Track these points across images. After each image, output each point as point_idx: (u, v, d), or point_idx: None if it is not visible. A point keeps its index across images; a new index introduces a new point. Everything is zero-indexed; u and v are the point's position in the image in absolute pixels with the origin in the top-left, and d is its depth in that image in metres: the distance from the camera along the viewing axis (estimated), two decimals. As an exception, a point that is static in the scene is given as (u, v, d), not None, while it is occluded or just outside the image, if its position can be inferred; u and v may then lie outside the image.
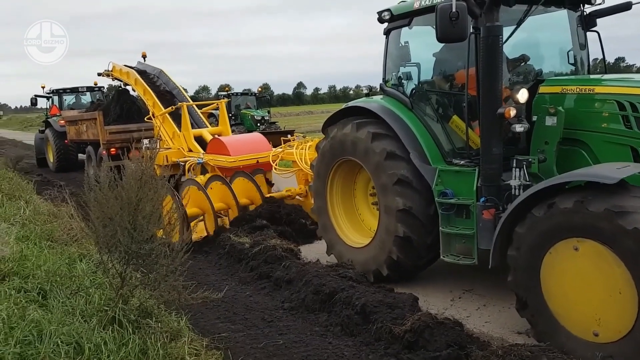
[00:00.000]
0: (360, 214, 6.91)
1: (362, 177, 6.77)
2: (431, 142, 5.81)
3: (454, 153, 5.72)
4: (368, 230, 6.70)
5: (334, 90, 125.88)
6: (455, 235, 5.38)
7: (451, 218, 5.44)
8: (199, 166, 10.23)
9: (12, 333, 3.51)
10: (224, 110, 12.31)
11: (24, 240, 5.88)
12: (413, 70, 6.26)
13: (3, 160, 16.25)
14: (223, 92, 28.87)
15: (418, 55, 6.26)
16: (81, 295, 4.53)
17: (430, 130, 5.87)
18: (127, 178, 4.31)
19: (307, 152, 8.86)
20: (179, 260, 4.47)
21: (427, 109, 6.02)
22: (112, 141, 13.42)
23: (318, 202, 6.99)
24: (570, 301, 4.06)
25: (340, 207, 6.87)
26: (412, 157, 5.70)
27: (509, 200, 4.78)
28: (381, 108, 6.19)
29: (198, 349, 4.19)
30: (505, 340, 4.63)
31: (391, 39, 6.34)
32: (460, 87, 5.68)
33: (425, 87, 6.16)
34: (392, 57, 6.41)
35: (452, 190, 5.43)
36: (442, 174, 5.56)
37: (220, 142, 10.17)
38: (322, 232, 7.04)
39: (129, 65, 14.20)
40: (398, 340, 4.36)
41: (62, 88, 20.69)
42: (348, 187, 6.89)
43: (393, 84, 6.40)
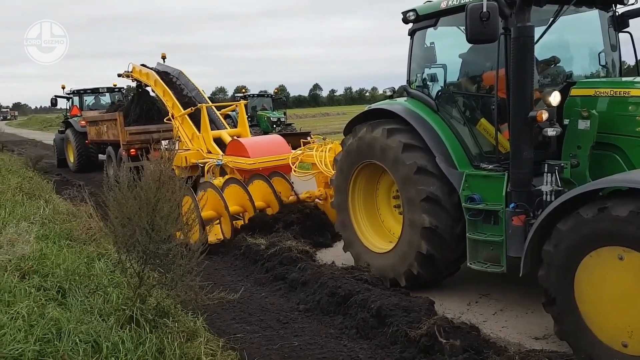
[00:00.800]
0: (381, 214, 6.79)
1: (385, 180, 6.64)
2: (458, 146, 5.67)
3: (481, 157, 5.58)
4: (388, 232, 6.59)
5: (350, 92, 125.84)
6: (483, 242, 5.21)
7: (478, 224, 5.28)
8: (218, 168, 10.18)
9: (32, 331, 3.56)
10: (243, 112, 12.25)
11: (44, 239, 5.96)
12: (439, 72, 6.13)
13: (23, 160, 16.47)
14: (239, 94, 28.99)
15: (444, 57, 6.13)
16: (99, 294, 4.58)
17: (457, 134, 5.73)
18: (145, 178, 4.35)
19: (327, 154, 8.72)
20: (195, 261, 4.50)
21: (454, 111, 5.89)
22: (132, 142, 13.48)
23: (339, 198, 6.87)
24: (604, 307, 3.93)
25: (361, 205, 6.74)
26: (438, 161, 5.55)
27: (540, 207, 4.65)
28: (406, 111, 6.05)
29: (214, 350, 4.21)
30: (523, 346, 4.58)
31: (416, 39, 6.20)
32: (488, 89, 5.57)
33: (452, 89, 6.03)
34: (416, 58, 6.28)
35: (479, 195, 5.29)
36: (470, 178, 5.41)
37: (239, 144, 10.11)
38: (341, 228, 6.92)
39: (149, 66, 14.22)
40: (414, 344, 4.34)
41: (82, 89, 20.68)
42: (370, 187, 6.74)
43: (418, 86, 6.27)
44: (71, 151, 19.20)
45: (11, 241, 5.20)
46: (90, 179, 15.89)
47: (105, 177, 4.74)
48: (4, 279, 4.23)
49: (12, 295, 4.03)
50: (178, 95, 12.68)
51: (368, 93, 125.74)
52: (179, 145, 11.75)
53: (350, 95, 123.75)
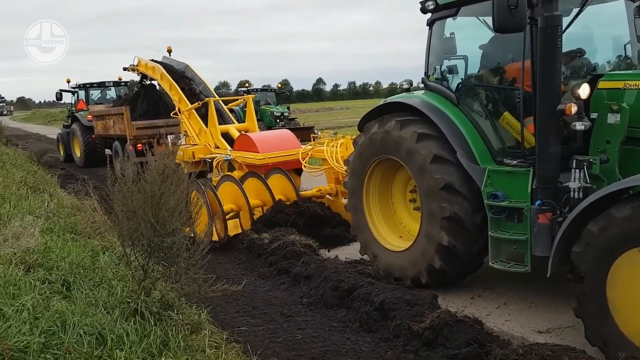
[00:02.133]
0: (397, 213, 6.56)
1: (401, 177, 6.44)
2: (479, 141, 5.46)
3: (504, 152, 5.38)
4: (406, 232, 6.37)
5: (353, 86, 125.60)
6: (506, 240, 5.00)
7: (501, 222, 5.07)
8: (227, 163, 10.02)
9: (37, 323, 3.58)
10: (251, 106, 12.00)
11: (49, 232, 5.98)
12: (459, 64, 5.91)
13: (27, 154, 16.50)
14: (243, 88, 28.98)
15: (464, 48, 5.91)
16: (104, 287, 4.61)
17: (479, 128, 5.52)
18: (150, 172, 4.36)
19: (339, 149, 8.50)
20: (199, 254, 4.52)
21: (475, 104, 5.68)
22: (139, 137, 13.29)
23: (353, 200, 6.63)
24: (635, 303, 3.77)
25: (376, 206, 6.51)
26: (459, 157, 5.34)
27: (568, 204, 4.52)
28: (424, 104, 5.82)
29: (218, 342, 4.23)
30: (526, 339, 4.59)
31: (435, 30, 5.97)
32: (511, 81, 5.40)
33: (473, 81, 5.82)
34: (435, 50, 6.04)
35: (503, 192, 5.08)
36: (492, 174, 5.20)
37: (248, 139, 9.89)
38: (356, 231, 6.71)
39: (155, 60, 13.98)
40: (417, 338, 4.35)
41: (88, 83, 20.26)
42: (385, 186, 6.53)
43: (436, 79, 6.02)
44: (77, 146, 18.93)
45: (16, 234, 5.24)
46: (93, 173, 15.91)
47: (110, 171, 4.74)
48: (9, 272, 4.26)
49: (18, 288, 4.06)
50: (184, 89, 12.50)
51: (372, 88, 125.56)
52: (185, 140, 11.63)
53: (354, 89, 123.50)
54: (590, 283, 3.97)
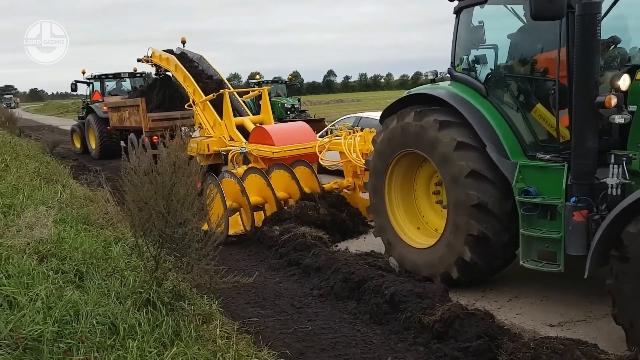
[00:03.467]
0: (421, 211, 6.31)
1: (424, 172, 6.19)
2: (510, 134, 5.23)
3: (536, 146, 5.15)
4: (431, 230, 6.14)
5: (364, 78, 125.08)
6: (538, 238, 4.79)
7: (533, 219, 4.85)
8: (242, 156, 9.87)
9: (50, 313, 3.61)
10: (266, 98, 11.78)
11: (62, 223, 6.03)
12: (488, 53, 5.68)
13: (40, 145, 16.63)
14: (253, 80, 28.94)
15: (492, 37, 5.71)
16: (116, 277, 4.63)
17: (509, 120, 5.29)
18: (161, 163, 4.38)
19: (357, 142, 8.33)
20: (210, 245, 4.54)
21: (505, 96, 5.45)
22: (154, 128, 13.15)
23: (375, 200, 6.38)
24: None
25: (399, 205, 6.27)
26: (488, 150, 5.11)
27: (605, 201, 4.34)
28: (451, 95, 5.59)
29: (229, 333, 4.25)
30: (537, 333, 4.57)
31: (462, 19, 5.75)
32: (542, 71, 5.19)
33: (504, 71, 5.58)
34: (462, 39, 5.81)
35: (535, 188, 4.86)
36: (524, 169, 4.97)
37: (264, 131, 9.69)
38: (380, 232, 6.43)
39: (169, 51, 13.82)
40: (427, 330, 4.36)
41: (104, 74, 20.10)
42: (408, 184, 6.29)
43: (464, 69, 5.80)
44: (93, 137, 18.81)
45: (30, 225, 5.28)
46: (105, 164, 16.00)
47: (122, 162, 4.76)
48: (23, 262, 4.30)
49: (31, 278, 4.09)
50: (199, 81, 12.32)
51: (383, 79, 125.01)
52: (200, 132, 11.50)
53: (365, 81, 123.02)
54: (633, 265, 3.82)
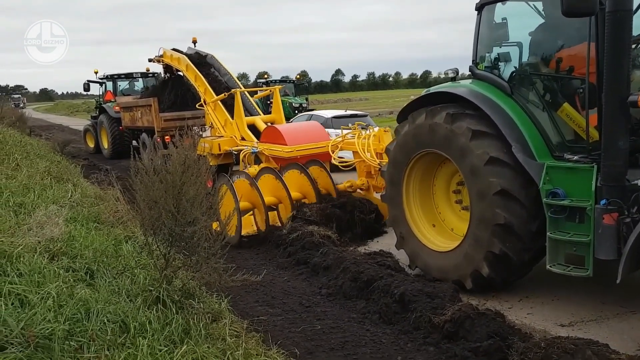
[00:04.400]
0: (439, 209, 6.17)
1: (445, 171, 6.05)
2: (536, 133, 5.09)
3: (563, 146, 5.02)
4: (449, 230, 6.04)
5: (372, 77, 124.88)
6: (566, 242, 4.65)
7: (561, 222, 4.72)
8: (253, 156, 9.80)
9: (61, 311, 3.62)
10: (278, 98, 11.76)
11: (72, 221, 6.05)
12: (512, 51, 5.56)
13: (51, 145, 16.73)
14: (262, 80, 29.02)
15: (515, 35, 5.59)
16: (127, 275, 4.65)
17: (534, 120, 5.15)
18: (172, 162, 4.40)
19: (371, 142, 8.24)
20: (219, 244, 4.55)
21: (530, 94, 5.30)
22: (166, 128, 13.17)
23: (391, 191, 6.25)
24: None
25: (416, 200, 6.13)
26: (514, 151, 4.97)
27: (636, 203, 4.22)
28: (474, 94, 5.45)
29: (238, 331, 4.26)
30: (548, 333, 4.55)
31: (484, 15, 5.64)
32: (567, 69, 5.10)
33: (529, 69, 5.44)
34: (484, 37, 5.70)
35: (563, 189, 4.73)
36: (551, 170, 4.83)
37: (276, 131, 9.64)
38: (393, 224, 6.33)
39: (180, 50, 13.84)
40: (437, 330, 4.34)
41: (116, 74, 20.19)
42: (427, 180, 6.16)
43: (486, 67, 5.66)
44: (105, 137, 18.89)
45: (41, 224, 5.30)
46: (116, 163, 16.08)
47: (132, 161, 4.78)
48: (34, 261, 4.31)
49: (42, 276, 4.11)
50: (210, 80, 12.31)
51: (391, 78, 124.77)
52: (211, 132, 11.49)
53: (373, 80, 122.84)
54: None
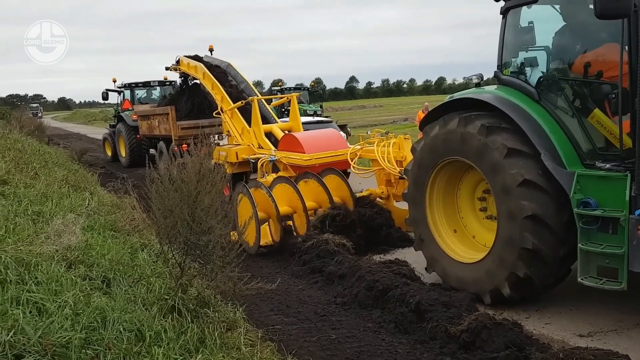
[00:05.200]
0: (463, 217, 5.99)
1: (468, 181, 5.88)
2: (565, 141, 4.93)
3: (594, 154, 4.87)
4: (477, 243, 5.83)
5: (387, 84, 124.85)
6: (598, 254, 4.49)
7: (593, 233, 4.56)
8: (271, 164, 9.66)
9: (78, 319, 3.65)
10: (295, 105, 11.60)
11: (89, 230, 6.11)
12: (539, 55, 5.42)
13: (68, 153, 16.94)
14: (276, 87, 29.16)
15: (543, 39, 5.45)
16: (142, 283, 4.67)
17: (564, 126, 5.00)
18: (187, 171, 4.42)
19: (391, 149, 8.06)
20: (234, 252, 4.56)
21: (559, 100, 5.15)
22: (184, 137, 13.10)
23: (415, 213, 6.10)
24: None
25: (442, 216, 5.97)
26: (543, 159, 4.82)
27: None
28: (500, 100, 5.31)
29: (253, 340, 4.26)
30: (567, 343, 4.48)
31: (509, 19, 5.53)
32: (596, 74, 4.96)
33: (558, 75, 5.29)
34: (509, 41, 5.58)
35: (595, 199, 4.57)
36: (582, 179, 4.67)
37: (294, 139, 9.52)
38: (420, 246, 6.14)
39: (197, 58, 13.82)
40: (454, 340, 4.30)
41: (134, 82, 20.36)
42: (450, 194, 6.00)
43: (512, 72, 5.53)
44: (123, 146, 19.00)
45: (58, 232, 5.35)
46: (132, 172, 16.22)
47: (148, 170, 4.81)
48: (51, 269, 4.35)
49: (60, 285, 4.14)
50: (227, 88, 12.29)
51: (406, 85, 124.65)
52: (228, 140, 11.45)
53: (388, 87, 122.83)
54: None
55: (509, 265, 4.97)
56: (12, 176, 7.62)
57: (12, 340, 3.14)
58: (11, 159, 8.92)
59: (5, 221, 5.32)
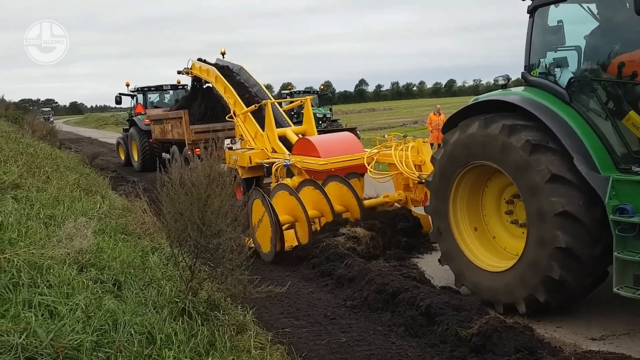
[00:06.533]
0: (489, 224, 5.77)
1: (496, 183, 5.66)
2: (599, 145, 4.76)
3: (630, 158, 4.71)
4: (501, 249, 5.64)
5: (397, 86, 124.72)
6: (635, 263, 4.34)
7: (630, 241, 4.38)
8: (286, 169, 9.52)
9: (89, 322, 3.67)
10: (309, 108, 11.35)
11: (101, 233, 6.15)
12: (570, 56, 5.26)
13: (80, 157, 17.07)
14: (286, 91, 29.22)
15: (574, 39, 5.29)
16: (153, 286, 4.69)
17: (597, 129, 4.83)
18: (197, 175, 4.45)
19: (409, 153, 7.87)
20: (244, 255, 4.57)
21: (591, 102, 4.97)
22: (197, 141, 12.78)
23: (436, 203, 5.92)
24: None
25: (464, 215, 5.78)
26: (576, 163, 4.62)
27: None
28: (529, 102, 5.12)
29: (263, 343, 4.27)
30: (579, 347, 4.44)
31: (537, 18, 5.36)
32: (631, 75, 4.78)
33: (591, 75, 5.09)
34: (537, 41, 5.41)
35: (632, 205, 4.39)
36: (618, 185, 4.49)
37: (309, 143, 9.28)
38: (437, 239, 6.00)
39: (209, 62, 13.76)
40: (464, 344, 4.28)
41: (146, 86, 20.28)
42: (476, 194, 5.79)
43: (540, 73, 5.33)
44: (135, 150, 18.99)
45: (70, 235, 5.39)
46: (143, 176, 16.30)
47: (158, 174, 4.84)
48: (63, 272, 4.39)
49: (71, 288, 4.17)
50: (239, 91, 12.16)
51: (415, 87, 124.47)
52: (241, 144, 11.36)
53: (397, 90, 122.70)
54: None
55: (543, 268, 4.77)
56: (24, 180, 7.68)
57: (24, 342, 3.16)
58: (23, 163, 9.00)
59: (17, 224, 5.36)
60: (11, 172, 7.57)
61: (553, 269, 4.70)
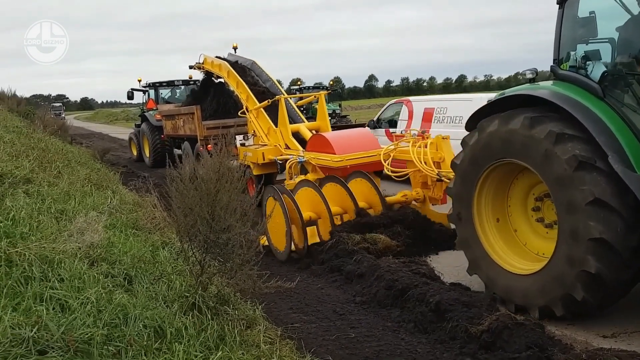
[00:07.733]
0: (516, 227, 5.58)
1: (522, 183, 5.49)
2: (635, 142, 4.56)
3: None
4: (528, 251, 5.46)
5: (406, 82, 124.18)
6: None
7: None
8: (299, 165, 9.40)
9: (100, 316, 3.70)
10: (323, 104, 11.24)
11: (112, 227, 6.18)
12: (603, 49, 5.07)
13: (91, 152, 17.17)
14: (295, 86, 29.23)
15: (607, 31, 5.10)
16: (164, 281, 4.72)
17: (632, 126, 4.62)
18: (206, 170, 4.46)
19: (428, 150, 7.67)
20: (253, 250, 4.58)
21: (626, 97, 4.77)
22: (209, 137, 12.85)
23: (459, 209, 5.73)
24: None
25: (489, 218, 5.60)
26: (611, 161, 4.42)
27: None
28: (559, 96, 4.92)
29: (272, 338, 4.27)
30: (590, 344, 4.41)
31: (567, 9, 5.19)
32: None
33: (625, 69, 4.83)
34: (567, 33, 5.22)
35: None
36: None
37: (323, 139, 9.10)
38: (463, 246, 5.78)
39: (221, 57, 13.63)
40: (474, 340, 4.26)
41: (158, 81, 20.20)
42: (501, 195, 5.60)
43: (571, 66, 5.12)
44: (147, 145, 18.99)
45: (81, 230, 5.42)
46: (153, 171, 16.36)
47: (168, 169, 4.85)
48: (74, 266, 4.41)
49: (82, 282, 4.20)
50: (252, 86, 12.03)
51: (426, 83, 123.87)
52: (253, 140, 11.25)
53: (407, 85, 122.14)
54: None
55: (577, 262, 4.54)
56: (36, 175, 7.73)
57: (35, 336, 3.19)
58: (35, 157, 9.05)
59: (29, 219, 5.40)
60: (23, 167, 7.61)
61: (588, 263, 4.48)
